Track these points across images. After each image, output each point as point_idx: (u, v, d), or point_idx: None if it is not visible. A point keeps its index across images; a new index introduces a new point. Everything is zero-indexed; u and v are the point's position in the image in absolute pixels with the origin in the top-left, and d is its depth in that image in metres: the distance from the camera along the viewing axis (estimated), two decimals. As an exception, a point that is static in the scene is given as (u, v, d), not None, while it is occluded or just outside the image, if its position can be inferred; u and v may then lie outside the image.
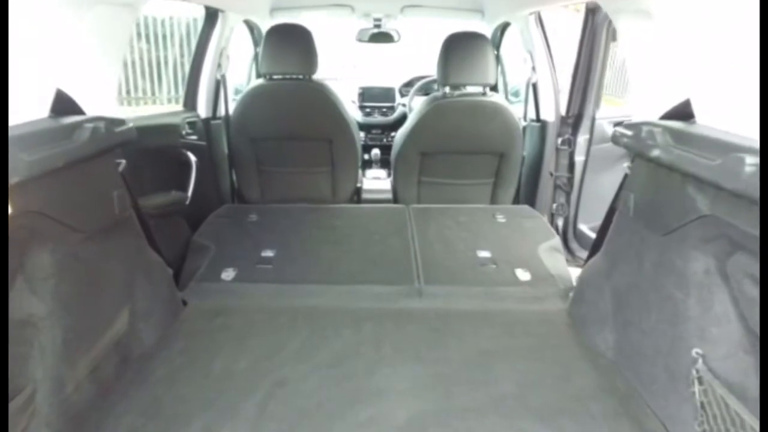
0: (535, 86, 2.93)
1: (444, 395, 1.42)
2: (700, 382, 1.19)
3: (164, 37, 4.52)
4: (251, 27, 3.40)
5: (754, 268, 1.07)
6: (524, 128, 2.98)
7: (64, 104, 1.30)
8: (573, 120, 2.89)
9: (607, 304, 1.64)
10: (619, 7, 1.62)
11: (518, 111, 3.12)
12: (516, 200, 3.10)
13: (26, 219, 1.09)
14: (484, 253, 2.29)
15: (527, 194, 3.11)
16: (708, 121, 1.30)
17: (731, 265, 1.15)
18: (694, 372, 1.21)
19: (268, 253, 2.26)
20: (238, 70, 3.64)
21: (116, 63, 1.63)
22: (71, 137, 1.21)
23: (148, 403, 1.39)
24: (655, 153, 1.30)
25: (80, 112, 1.36)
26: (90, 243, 1.36)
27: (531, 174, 3.06)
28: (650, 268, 1.43)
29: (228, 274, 2.10)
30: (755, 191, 0.93)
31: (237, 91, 3.59)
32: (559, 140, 2.92)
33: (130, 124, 1.49)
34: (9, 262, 1.10)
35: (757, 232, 1.00)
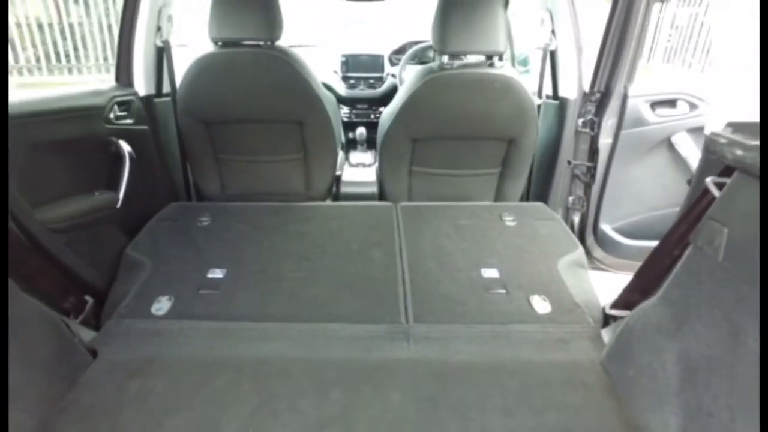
0: (553, 55, 2.38)
1: None
2: None
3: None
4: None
5: None
6: (538, 107, 2.45)
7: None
8: (598, 98, 2.36)
9: (670, 374, 1.18)
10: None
11: (530, 83, 2.58)
12: (525, 194, 2.61)
13: None
14: (490, 272, 1.81)
15: (538, 187, 2.62)
16: None
17: None
18: None
19: (217, 274, 1.77)
20: (199, 33, 3.06)
21: None
22: None
23: None
24: None
25: None
26: None
27: (545, 162, 2.56)
28: (748, 340, 0.96)
29: (160, 306, 1.62)
30: None
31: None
32: (580, 122, 2.40)
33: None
34: None
35: None
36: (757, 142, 0.93)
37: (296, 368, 1.38)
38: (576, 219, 2.63)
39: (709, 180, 1.13)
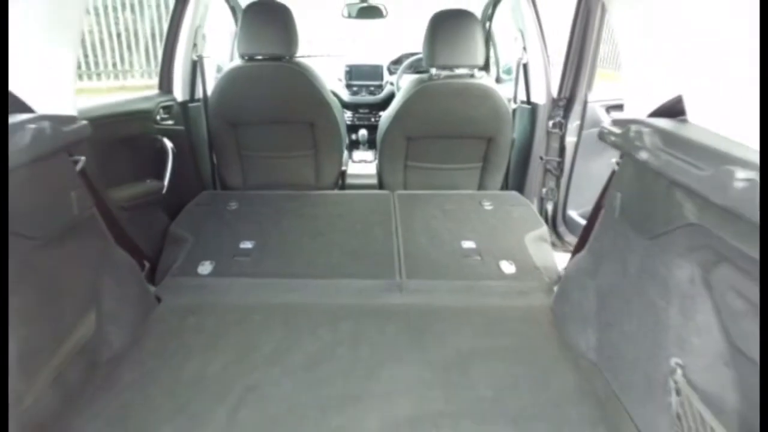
0: (525, 67, 2.81)
1: (419, 400, 1.39)
2: (678, 393, 1.16)
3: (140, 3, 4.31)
4: (230, 3, 3.24)
5: (739, 280, 1.02)
6: (514, 111, 2.88)
7: (8, 103, 1.21)
8: (564, 103, 2.79)
9: (591, 303, 1.60)
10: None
11: (509, 90, 3.01)
12: (505, 185, 3.03)
13: None
14: (468, 244, 2.23)
15: (516, 179, 3.04)
16: (701, 119, 1.22)
17: (715, 275, 1.10)
18: (672, 382, 1.17)
19: (247, 245, 2.20)
20: (220, 48, 3.50)
21: (72, 47, 1.52)
22: (13, 140, 1.13)
23: (116, 409, 1.36)
24: (643, 156, 1.23)
25: (28, 110, 1.27)
26: (45, 249, 1.29)
27: (520, 158, 2.98)
28: (634, 271, 1.38)
29: (204, 268, 2.04)
30: (744, 206, 0.86)
31: (219, 69, 3.46)
32: (550, 123, 2.82)
33: (83, 122, 1.40)
34: None
35: (743, 245, 0.94)
36: (622, 131, 1.35)
37: (314, 310, 1.80)
38: (549, 207, 3.05)
39: (613, 161, 1.56)
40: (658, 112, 1.33)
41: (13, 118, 1.19)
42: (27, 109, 1.27)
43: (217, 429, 1.29)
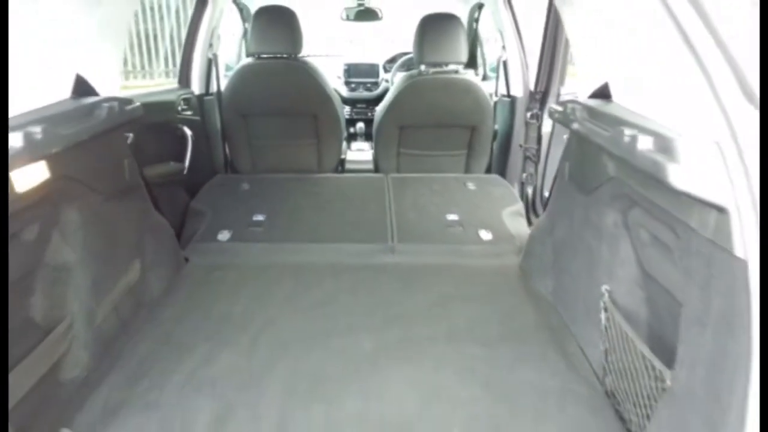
0: (505, 64, 3.15)
1: (405, 329, 1.71)
2: (606, 311, 1.49)
3: (159, 9, 4.63)
4: (239, 6, 3.57)
5: (645, 219, 1.35)
6: (495, 103, 3.22)
7: (81, 87, 1.53)
8: (540, 96, 3.12)
9: (549, 255, 1.93)
10: (564, 1, 1.85)
11: (494, 86, 3.34)
12: (488, 170, 3.36)
13: (60, 182, 1.34)
14: (452, 217, 2.57)
15: (499, 165, 3.37)
16: (624, 101, 1.55)
17: (631, 217, 1.43)
18: (602, 304, 1.50)
19: (259, 217, 2.52)
20: (227, 46, 3.83)
21: (121, 46, 1.84)
22: (92, 115, 1.45)
23: (160, 335, 1.68)
24: (575, 126, 1.56)
25: (95, 93, 1.59)
26: (107, 203, 1.61)
27: (502, 146, 3.31)
28: (577, 223, 1.71)
29: (223, 236, 2.36)
30: (634, 158, 1.19)
31: (228, 68, 3.79)
32: (528, 114, 3.16)
33: (137, 103, 1.72)
34: (43, 220, 1.35)
35: (644, 190, 1.27)
36: (562, 109, 1.68)
37: (319, 267, 2.12)
38: (529, 190, 3.38)
39: (565, 136, 1.89)
40: (592, 95, 1.66)
41: (90, 99, 1.51)
42: (94, 92, 1.59)
43: (242, 350, 1.61)
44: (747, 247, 0.89)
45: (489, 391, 1.44)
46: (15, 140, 1.05)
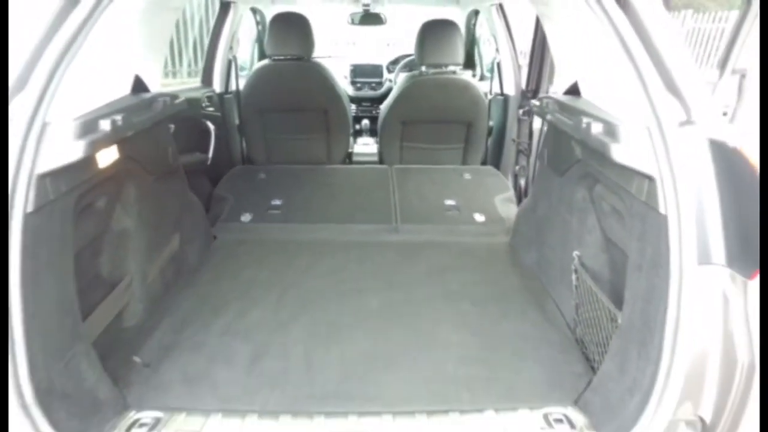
0: (499, 65, 3.44)
1: (407, 291, 2.01)
2: (576, 272, 1.78)
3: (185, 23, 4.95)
4: (255, 12, 3.87)
5: (605, 193, 1.64)
6: (490, 101, 3.51)
7: (138, 85, 1.83)
8: (531, 94, 3.41)
9: (532, 231, 2.23)
10: (543, 13, 2.14)
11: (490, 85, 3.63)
12: (484, 163, 3.66)
13: (125, 162, 1.63)
14: (450, 202, 2.86)
15: (494, 158, 3.66)
16: (588, 96, 1.84)
17: (595, 193, 1.72)
18: (573, 266, 1.79)
19: (277, 202, 2.82)
20: (241, 49, 4.12)
21: (164, 51, 2.14)
22: (151, 107, 1.75)
23: (199, 295, 1.97)
24: (549, 117, 1.86)
25: (148, 90, 1.88)
26: (156, 183, 1.91)
27: (497, 140, 3.60)
28: (555, 200, 2.00)
29: (246, 217, 2.66)
30: (589, 140, 1.47)
31: (241, 68, 4.08)
32: (521, 111, 3.44)
33: (182, 98, 2.02)
34: (110, 193, 1.64)
35: (602, 168, 1.56)
36: (540, 104, 1.98)
37: (331, 244, 2.42)
38: (522, 182, 3.67)
39: (543, 129, 2.18)
40: (565, 92, 1.95)
41: (146, 94, 1.80)
42: (147, 89, 1.88)
43: (269, 307, 1.91)
44: (667, 206, 1.18)
45: (478, 338, 1.73)
46: (104, 125, 1.35)
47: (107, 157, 1.49)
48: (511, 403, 1.41)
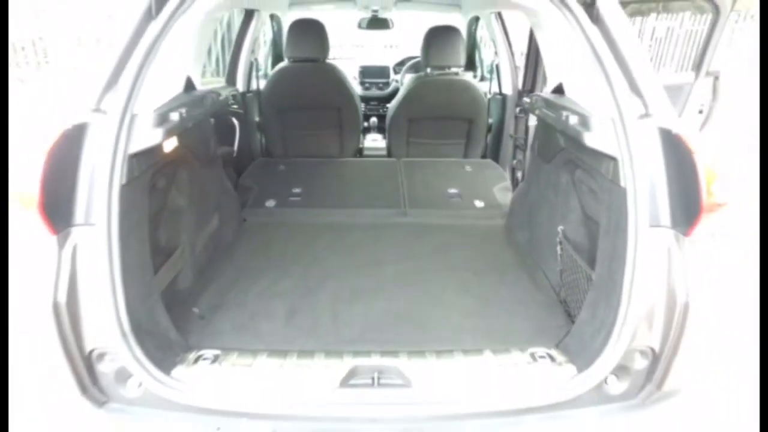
0: (497, 67, 3.75)
1: (416, 263, 2.32)
2: (560, 244, 2.09)
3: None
4: (272, 18, 4.19)
5: (584, 177, 1.95)
6: (489, 100, 3.82)
7: (189, 84, 2.15)
8: (527, 94, 3.72)
9: (525, 213, 2.54)
10: (535, 23, 2.45)
11: (489, 85, 3.94)
12: (484, 156, 3.97)
13: (181, 150, 1.95)
14: (453, 191, 3.17)
15: (493, 152, 3.97)
16: (570, 94, 2.15)
17: (576, 176, 2.03)
18: (557, 239, 2.10)
19: (297, 190, 3.13)
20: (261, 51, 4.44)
21: (204, 56, 2.46)
22: (203, 103, 2.07)
23: (237, 266, 2.29)
24: (537, 113, 2.17)
25: (195, 88, 2.20)
26: (202, 169, 2.22)
27: (495, 136, 3.92)
28: (543, 185, 2.32)
29: (270, 203, 2.98)
30: (568, 130, 1.78)
31: (259, 68, 4.39)
32: (518, 109, 3.76)
33: (224, 96, 2.34)
34: (168, 175, 1.96)
35: (581, 155, 1.87)
36: (530, 101, 2.29)
37: (348, 225, 2.73)
38: (519, 175, 3.98)
39: (534, 123, 2.49)
40: (552, 91, 2.26)
41: (196, 92, 2.11)
42: (194, 87, 2.20)
43: (299, 275, 2.22)
44: (626, 180, 1.49)
45: (477, 300, 2.05)
46: (174, 117, 1.67)
47: (170, 144, 1.81)
48: (505, 346, 1.72)
